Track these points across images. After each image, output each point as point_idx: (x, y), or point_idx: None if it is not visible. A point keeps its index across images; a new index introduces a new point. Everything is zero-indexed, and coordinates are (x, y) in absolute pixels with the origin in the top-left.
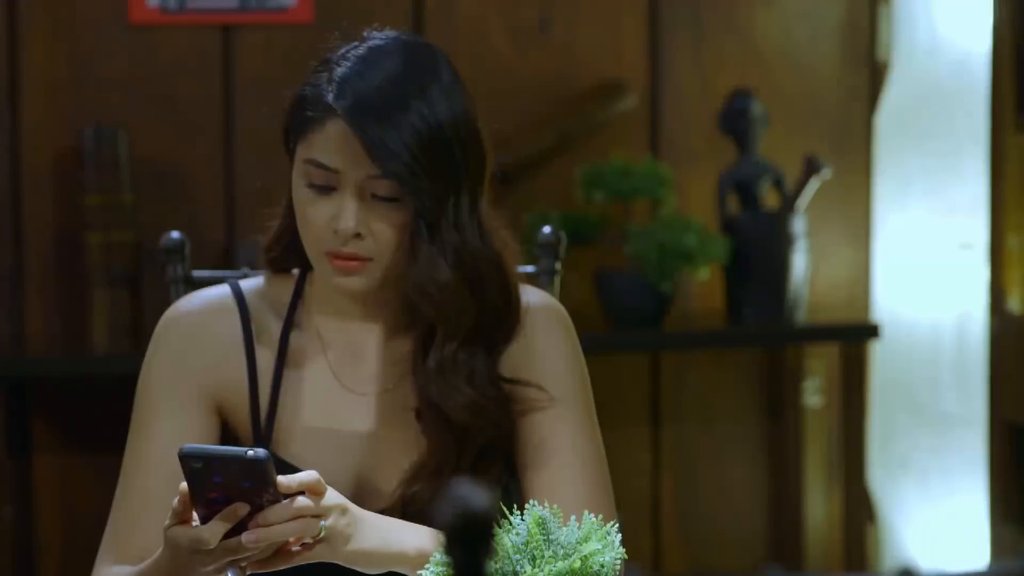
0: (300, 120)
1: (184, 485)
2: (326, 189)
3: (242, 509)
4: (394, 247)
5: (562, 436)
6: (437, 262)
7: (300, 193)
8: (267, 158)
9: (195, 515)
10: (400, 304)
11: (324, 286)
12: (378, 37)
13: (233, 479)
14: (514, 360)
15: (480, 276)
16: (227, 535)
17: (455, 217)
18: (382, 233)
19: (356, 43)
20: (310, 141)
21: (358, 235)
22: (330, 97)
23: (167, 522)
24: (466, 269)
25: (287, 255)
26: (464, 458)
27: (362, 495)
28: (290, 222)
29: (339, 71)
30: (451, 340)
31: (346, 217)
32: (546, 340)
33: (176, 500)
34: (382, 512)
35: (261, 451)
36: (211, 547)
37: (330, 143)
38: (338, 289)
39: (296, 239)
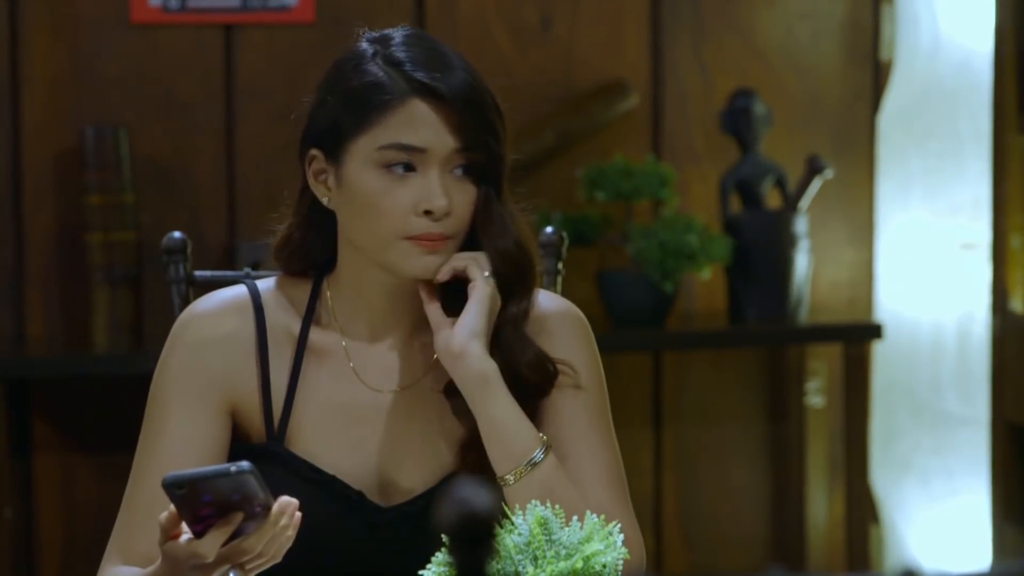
0: (367, 110)
1: (172, 508)
2: (406, 172)
3: (236, 517)
4: (468, 221)
5: (580, 418)
6: (509, 225)
7: (372, 184)
8: (269, 158)
9: (186, 528)
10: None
11: (348, 283)
12: (399, 29)
13: (221, 495)
14: None
15: (525, 236)
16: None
17: (505, 184)
18: (462, 207)
19: (384, 33)
20: (386, 126)
21: (447, 212)
22: (408, 78)
23: (159, 538)
24: (520, 229)
25: (295, 260)
26: None
27: (383, 491)
28: (299, 226)
29: (398, 55)
30: (525, 298)
31: (438, 195)
32: (566, 343)
33: (163, 518)
34: (408, 508)
35: (244, 463)
36: (209, 560)
37: (413, 123)
38: (418, 272)
39: (305, 243)
